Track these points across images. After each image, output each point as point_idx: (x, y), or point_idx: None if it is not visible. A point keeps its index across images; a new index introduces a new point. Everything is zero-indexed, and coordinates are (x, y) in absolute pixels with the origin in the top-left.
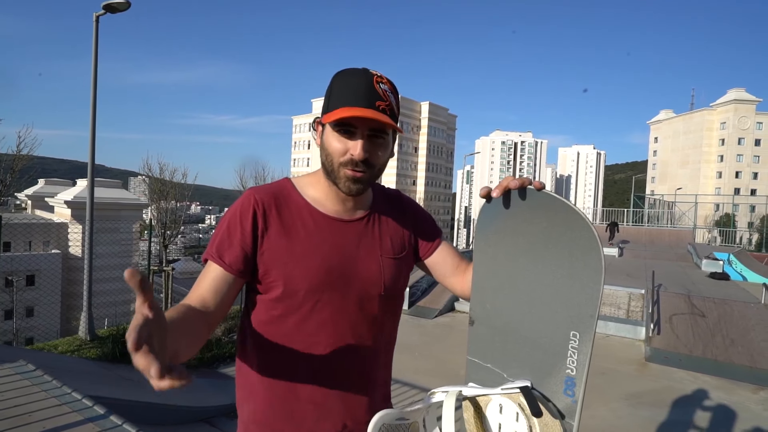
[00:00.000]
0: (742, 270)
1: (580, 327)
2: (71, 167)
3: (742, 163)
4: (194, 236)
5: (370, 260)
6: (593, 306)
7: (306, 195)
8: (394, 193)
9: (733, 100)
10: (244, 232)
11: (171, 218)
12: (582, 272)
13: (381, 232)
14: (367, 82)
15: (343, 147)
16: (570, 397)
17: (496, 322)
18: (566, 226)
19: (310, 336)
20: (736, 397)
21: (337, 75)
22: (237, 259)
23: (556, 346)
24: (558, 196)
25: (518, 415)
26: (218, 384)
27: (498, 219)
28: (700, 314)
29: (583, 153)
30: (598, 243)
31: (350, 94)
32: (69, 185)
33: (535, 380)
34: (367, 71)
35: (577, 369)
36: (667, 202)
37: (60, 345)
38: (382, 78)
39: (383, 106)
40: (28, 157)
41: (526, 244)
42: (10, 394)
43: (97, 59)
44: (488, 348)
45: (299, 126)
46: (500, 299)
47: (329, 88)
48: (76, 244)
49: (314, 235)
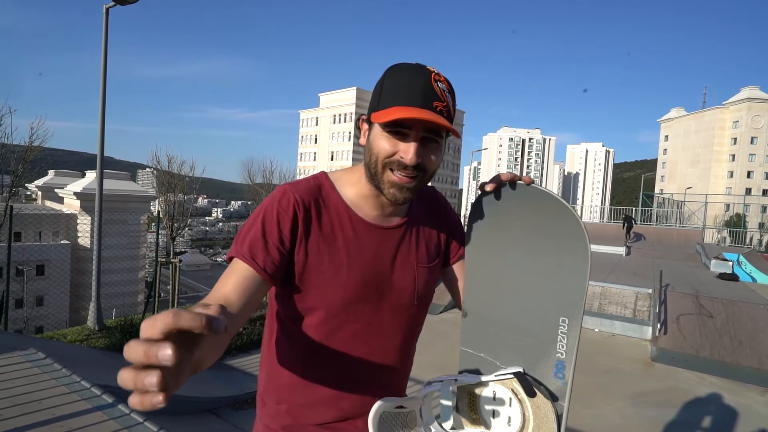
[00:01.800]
0: (752, 271)
1: (568, 313)
2: (81, 159)
3: (755, 163)
4: (201, 229)
5: (406, 270)
6: (581, 292)
7: (345, 196)
8: (430, 193)
9: (746, 99)
10: (282, 235)
11: (179, 211)
12: (570, 261)
13: (418, 239)
14: (425, 79)
15: (392, 148)
16: (560, 380)
17: (488, 313)
18: (555, 218)
19: (340, 346)
20: (743, 399)
21: (390, 70)
22: (272, 263)
23: (546, 332)
24: (546, 190)
25: (511, 400)
26: (224, 376)
27: (489, 213)
28: (708, 315)
29: (591, 151)
30: (585, 234)
31: (405, 92)
32: (78, 177)
33: (527, 366)
34: (424, 68)
35: (566, 353)
36: (676, 201)
37: (69, 334)
38: (440, 76)
39: (441, 107)
40: (40, 149)
41: (516, 237)
42: (20, 381)
43: (106, 51)
44: (481, 338)
45: (306, 120)
46: (492, 291)
47: (380, 84)
48: (85, 235)
49: (353, 244)
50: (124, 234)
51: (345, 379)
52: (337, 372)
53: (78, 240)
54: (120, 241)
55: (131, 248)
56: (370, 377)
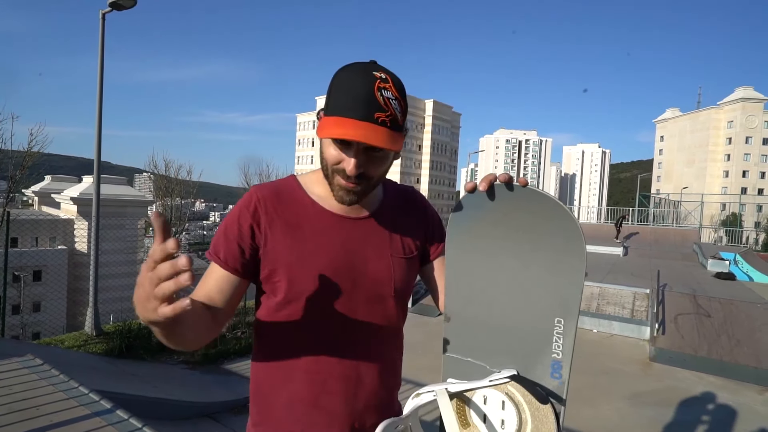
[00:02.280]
0: (749, 270)
1: (564, 313)
2: (77, 164)
3: (749, 162)
4: (198, 233)
5: (380, 260)
6: (577, 293)
7: (312, 192)
8: (408, 190)
9: (740, 99)
10: (241, 230)
11: (176, 215)
12: (566, 261)
13: (392, 230)
14: (368, 88)
15: (337, 156)
16: (557, 380)
17: (475, 316)
18: (549, 218)
19: (318, 338)
20: (742, 398)
21: (340, 72)
22: (233, 257)
23: (541, 333)
24: (540, 190)
25: (504, 404)
26: (222, 380)
27: (477, 213)
28: (706, 314)
29: (588, 151)
30: (581, 233)
31: (348, 101)
32: (75, 182)
33: (520, 368)
34: (370, 73)
35: (563, 352)
36: (672, 201)
37: (66, 340)
38: (387, 81)
39: (383, 117)
40: (39, 155)
41: (508, 237)
42: (18, 388)
43: (103, 56)
44: (468, 342)
45: (303, 123)
46: (480, 292)
47: (331, 85)
48: (82, 240)
49: (320, 233)
50: (121, 239)
51: (322, 373)
52: (314, 366)
53: (75, 245)
54: (117, 246)
55: (129, 253)
56: (354, 369)
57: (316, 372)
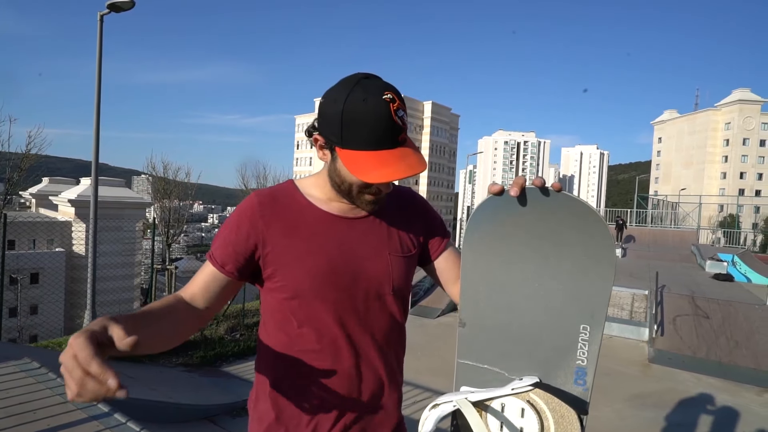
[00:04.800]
0: (747, 271)
1: (591, 320)
2: (75, 166)
3: (747, 164)
4: (197, 235)
5: (378, 258)
6: (604, 299)
7: (309, 195)
8: (406, 192)
9: (737, 101)
10: (239, 234)
11: (174, 217)
12: (594, 268)
13: (389, 229)
14: (387, 115)
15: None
16: (581, 386)
17: (493, 321)
18: (577, 223)
19: (320, 336)
20: (740, 400)
21: (350, 99)
22: (229, 261)
23: (565, 340)
24: (572, 195)
25: (524, 411)
26: (221, 383)
27: (499, 216)
28: (704, 316)
29: (586, 153)
30: (612, 240)
31: (371, 133)
32: (73, 184)
33: (540, 374)
34: (380, 98)
35: (588, 359)
36: (670, 203)
37: (64, 343)
38: (395, 100)
39: (404, 136)
40: (37, 157)
41: (531, 242)
42: (15, 392)
43: (101, 58)
44: (484, 348)
45: (302, 125)
46: (500, 297)
47: (339, 112)
48: (79, 243)
49: (318, 234)
50: (119, 241)
51: (326, 371)
52: (318, 364)
53: (73, 247)
54: (115, 248)
55: (126, 255)
56: (355, 368)
57: (318, 370)
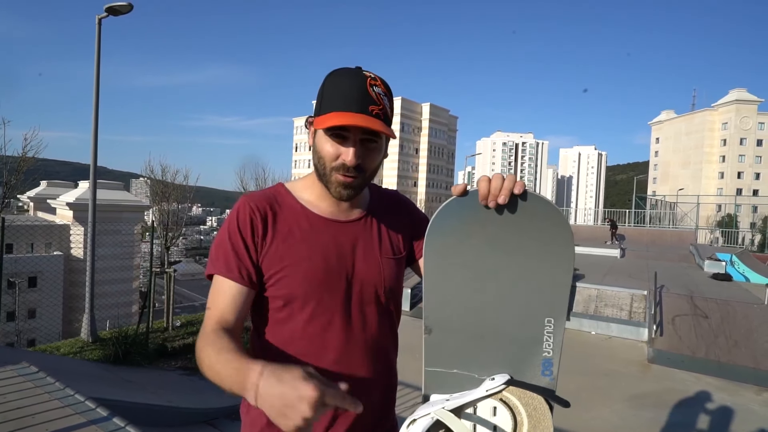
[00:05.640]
0: (745, 271)
1: (554, 313)
2: (73, 169)
3: (744, 164)
4: (196, 238)
5: (370, 261)
6: (565, 290)
7: (301, 198)
8: (391, 194)
9: (734, 101)
10: (246, 244)
11: (173, 220)
12: (555, 262)
13: (380, 232)
14: (361, 85)
15: (335, 151)
16: (548, 377)
17: (460, 324)
18: (537, 218)
19: (313, 340)
20: (740, 399)
21: (330, 76)
22: (247, 271)
23: (532, 334)
24: (534, 192)
25: (495, 410)
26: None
27: (463, 217)
28: (703, 315)
29: (584, 154)
30: (570, 233)
31: (343, 97)
32: (71, 187)
33: (510, 371)
34: (360, 72)
35: (553, 350)
36: (669, 203)
37: (62, 347)
38: (376, 80)
39: (376, 110)
40: (34, 160)
41: (494, 241)
42: (12, 396)
43: (99, 61)
44: (452, 353)
45: (300, 127)
46: (464, 299)
47: (321, 89)
48: (78, 246)
49: (310, 237)
50: (117, 244)
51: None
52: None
53: (71, 251)
54: (114, 251)
55: (125, 258)
56: (350, 370)
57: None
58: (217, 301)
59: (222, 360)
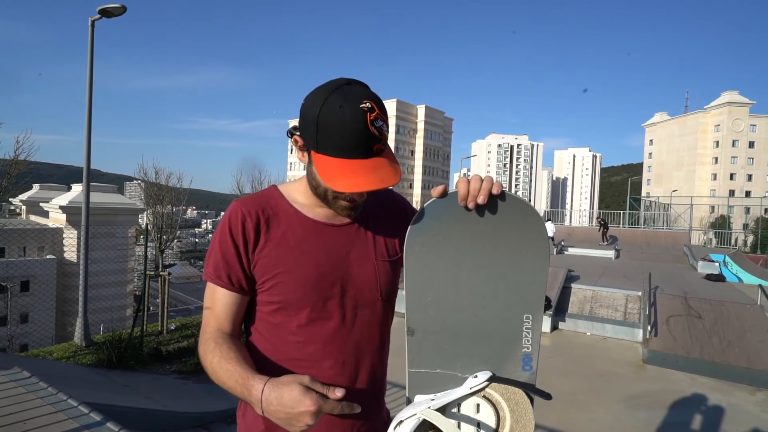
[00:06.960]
0: (738, 271)
1: (532, 309)
2: (66, 172)
3: (737, 165)
4: (190, 240)
5: (365, 264)
6: (542, 287)
7: (294, 202)
8: (385, 193)
9: (726, 103)
10: (237, 248)
11: (167, 223)
12: (531, 259)
13: (374, 234)
14: (362, 124)
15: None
16: (528, 371)
17: (442, 324)
18: (517, 219)
19: (308, 344)
20: (734, 399)
21: (327, 104)
22: (239, 278)
23: (511, 331)
24: (510, 193)
25: (478, 407)
26: (215, 390)
27: (443, 218)
28: (697, 316)
29: (579, 155)
30: (545, 232)
31: (345, 141)
32: (64, 190)
33: (491, 367)
34: (357, 106)
35: (532, 346)
36: (662, 204)
37: (55, 351)
38: (374, 110)
39: (380, 147)
40: (26, 163)
41: (473, 241)
42: (4, 402)
43: (92, 63)
44: (435, 353)
45: None
46: (445, 299)
47: (318, 117)
48: (71, 250)
49: (304, 242)
50: (111, 247)
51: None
52: (306, 371)
53: (64, 254)
54: (107, 254)
55: (119, 262)
56: (344, 374)
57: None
58: (214, 311)
59: (224, 370)
